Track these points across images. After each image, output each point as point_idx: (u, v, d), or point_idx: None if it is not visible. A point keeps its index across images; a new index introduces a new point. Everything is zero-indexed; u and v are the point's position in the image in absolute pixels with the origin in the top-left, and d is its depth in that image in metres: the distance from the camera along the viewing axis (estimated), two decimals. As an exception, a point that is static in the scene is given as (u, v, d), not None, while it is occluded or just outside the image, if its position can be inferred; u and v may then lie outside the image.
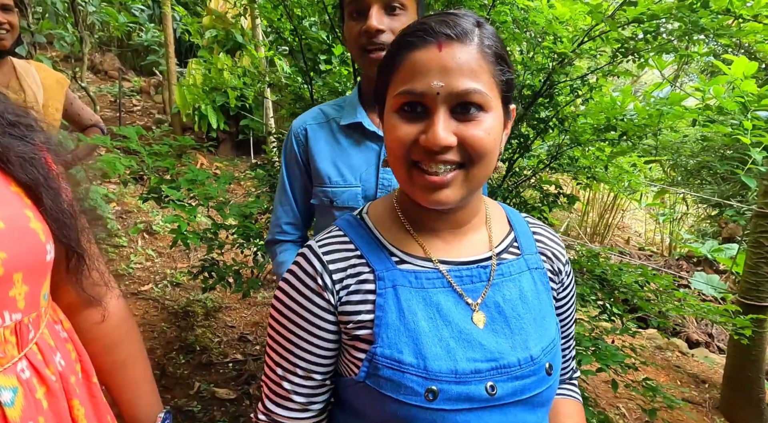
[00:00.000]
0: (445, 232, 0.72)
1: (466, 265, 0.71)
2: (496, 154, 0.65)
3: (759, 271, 2.95)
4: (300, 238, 1.29)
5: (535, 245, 0.78)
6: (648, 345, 3.97)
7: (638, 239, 8.43)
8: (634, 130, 1.88)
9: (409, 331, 0.65)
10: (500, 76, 0.64)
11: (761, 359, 3.02)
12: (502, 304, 0.70)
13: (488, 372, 0.65)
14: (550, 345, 0.71)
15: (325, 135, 1.17)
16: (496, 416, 0.65)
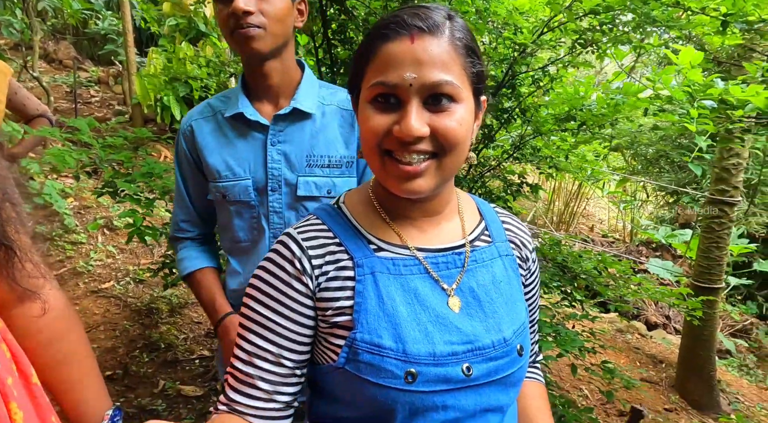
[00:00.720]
0: (420, 220, 0.74)
1: (441, 252, 0.73)
2: (467, 144, 0.66)
3: (710, 255, 3.10)
4: (200, 235, 1.27)
5: (505, 233, 0.81)
6: (609, 328, 4.12)
7: (602, 226, 8.71)
8: (593, 120, 1.92)
9: (388, 317, 0.67)
10: (471, 68, 0.65)
11: (712, 339, 3.19)
12: (476, 289, 0.72)
13: (464, 354, 0.67)
14: (520, 327, 0.74)
15: (212, 129, 1.15)
16: (471, 396, 0.68)
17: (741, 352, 4.46)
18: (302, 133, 1.13)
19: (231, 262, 1.22)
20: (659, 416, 3.03)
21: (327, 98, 1.17)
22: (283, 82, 1.12)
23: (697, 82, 1.24)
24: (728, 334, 4.65)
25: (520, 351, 0.72)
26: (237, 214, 1.16)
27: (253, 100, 1.14)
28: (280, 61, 1.09)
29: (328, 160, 1.14)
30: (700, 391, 3.17)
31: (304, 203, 1.15)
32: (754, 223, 4.59)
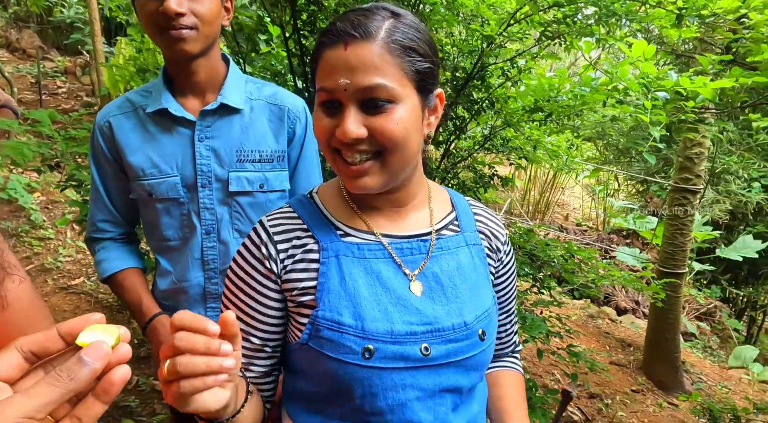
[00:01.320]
0: (387, 210, 0.78)
1: (407, 238, 0.77)
2: (412, 140, 0.68)
3: (675, 242, 3.21)
4: (122, 235, 1.22)
5: (475, 224, 0.83)
6: (581, 314, 4.23)
7: (576, 215, 8.90)
8: (559, 111, 1.96)
9: (349, 296, 0.71)
10: (412, 67, 0.66)
11: (677, 322, 3.31)
12: (439, 275, 0.76)
13: (423, 334, 0.71)
14: (484, 313, 0.76)
15: (133, 125, 1.11)
16: (430, 376, 0.71)
17: (705, 335, 4.64)
18: (231, 129, 1.12)
19: (160, 262, 1.19)
20: (626, 397, 3.14)
21: (254, 93, 1.16)
22: (209, 77, 1.11)
23: (651, 75, 1.29)
24: (693, 317, 4.84)
25: (482, 336, 0.75)
26: (165, 212, 1.13)
27: (176, 95, 1.11)
28: (207, 58, 1.08)
29: (259, 154, 1.14)
30: (666, 372, 3.30)
31: (237, 199, 1.14)
32: (718, 211, 4.76)
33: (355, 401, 0.70)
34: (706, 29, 1.69)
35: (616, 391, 3.19)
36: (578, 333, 3.67)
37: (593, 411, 3.04)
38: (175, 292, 1.19)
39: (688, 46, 2.75)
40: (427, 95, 0.71)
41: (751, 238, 4.47)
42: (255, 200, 1.15)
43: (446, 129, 2.51)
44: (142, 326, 1.16)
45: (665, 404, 3.06)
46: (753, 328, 5.31)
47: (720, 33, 1.61)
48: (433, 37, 0.73)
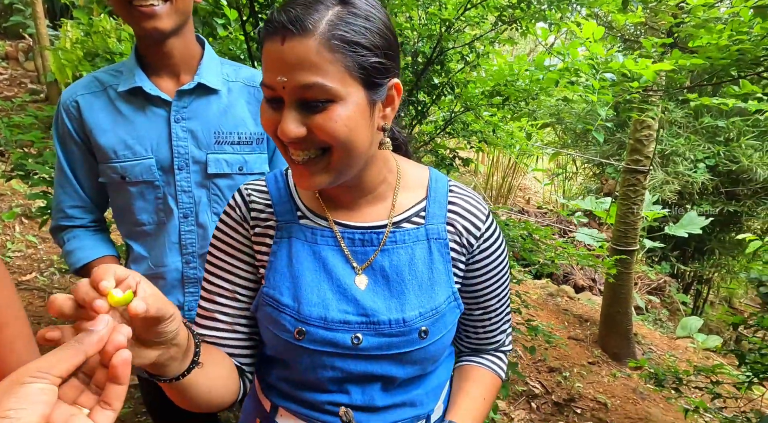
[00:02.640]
0: (347, 199, 0.76)
1: (360, 229, 0.76)
2: (357, 137, 0.64)
3: (627, 220, 3.37)
4: (93, 222, 1.17)
5: (446, 217, 0.78)
6: (541, 293, 4.40)
7: (537, 199, 9.17)
8: (516, 95, 2.02)
9: (292, 278, 0.74)
10: (355, 62, 0.62)
11: (629, 297, 3.50)
12: (387, 269, 0.75)
13: (357, 324, 0.72)
14: (431, 311, 0.74)
15: (103, 105, 1.06)
16: (360, 364, 0.73)
17: (656, 308, 4.92)
18: (208, 110, 1.10)
19: (134, 248, 1.16)
20: (583, 369, 3.31)
21: (231, 75, 1.14)
22: (183, 58, 1.08)
23: (599, 55, 1.35)
24: (645, 292, 5.11)
25: (423, 333, 0.73)
26: (139, 196, 1.10)
27: (150, 75, 1.07)
28: (181, 37, 1.04)
29: (238, 136, 1.12)
30: (619, 344, 3.49)
31: (215, 181, 1.12)
32: (668, 191, 5.01)
33: (290, 369, 0.77)
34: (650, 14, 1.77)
35: (574, 364, 3.35)
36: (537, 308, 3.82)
37: (553, 384, 3.19)
38: (151, 279, 1.17)
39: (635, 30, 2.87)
40: (377, 89, 0.66)
41: (696, 215, 4.74)
42: (234, 183, 1.14)
43: (408, 114, 2.53)
44: None
45: (619, 374, 3.24)
46: (699, 301, 5.66)
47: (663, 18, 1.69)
48: (392, 22, 0.68)
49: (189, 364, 0.62)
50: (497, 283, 0.83)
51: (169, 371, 0.60)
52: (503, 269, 0.84)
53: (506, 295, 0.87)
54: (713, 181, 4.96)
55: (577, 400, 3.02)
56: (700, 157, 4.97)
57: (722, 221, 5.17)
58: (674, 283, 5.42)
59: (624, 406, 2.95)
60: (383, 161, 0.76)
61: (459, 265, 0.79)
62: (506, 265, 0.85)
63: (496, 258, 0.82)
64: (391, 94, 0.69)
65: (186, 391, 0.64)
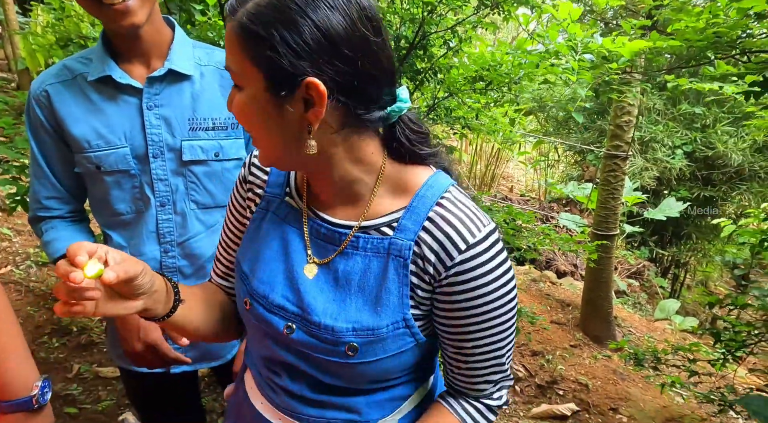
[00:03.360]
0: (324, 193, 0.73)
1: (328, 224, 0.72)
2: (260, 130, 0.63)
3: (607, 206, 3.42)
4: (70, 213, 1.15)
5: (416, 234, 0.67)
6: (525, 278, 4.46)
7: (520, 187, 9.26)
8: (498, 80, 2.02)
9: (254, 250, 0.76)
10: (255, 54, 0.58)
11: (609, 281, 3.57)
12: (339, 272, 0.70)
13: (292, 314, 0.70)
14: (366, 331, 0.67)
15: (74, 94, 1.04)
16: (290, 355, 0.73)
17: (635, 292, 5.04)
18: (181, 96, 1.08)
19: (112, 238, 1.14)
20: (566, 352, 3.38)
21: (203, 58, 1.12)
22: (153, 42, 1.05)
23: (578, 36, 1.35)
24: (625, 276, 5.22)
25: (350, 351, 0.67)
26: (116, 185, 1.08)
27: (120, 62, 1.05)
28: (150, 22, 1.01)
29: (212, 122, 1.10)
30: (600, 327, 3.57)
31: (191, 168, 1.10)
32: (647, 177, 5.10)
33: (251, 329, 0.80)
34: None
35: (556, 347, 3.41)
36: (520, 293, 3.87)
37: (536, 367, 3.24)
38: None
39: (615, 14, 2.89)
40: (282, 86, 0.59)
41: (674, 200, 4.85)
42: (210, 169, 1.12)
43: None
44: None
45: (600, 356, 3.31)
46: (676, 284, 5.81)
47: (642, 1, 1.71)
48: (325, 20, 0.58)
49: (173, 303, 0.72)
50: (474, 326, 0.68)
51: (158, 313, 0.69)
52: (487, 313, 0.67)
53: (496, 345, 0.71)
54: (690, 166, 5.07)
55: (560, 382, 3.09)
56: (678, 144, 5.06)
57: (699, 206, 5.30)
58: (653, 267, 5.54)
59: (604, 387, 3.02)
60: (354, 160, 0.67)
61: (419, 292, 0.68)
62: (497, 310, 0.67)
63: (473, 297, 0.66)
64: (309, 95, 0.59)
65: (180, 323, 0.75)
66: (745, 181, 5.08)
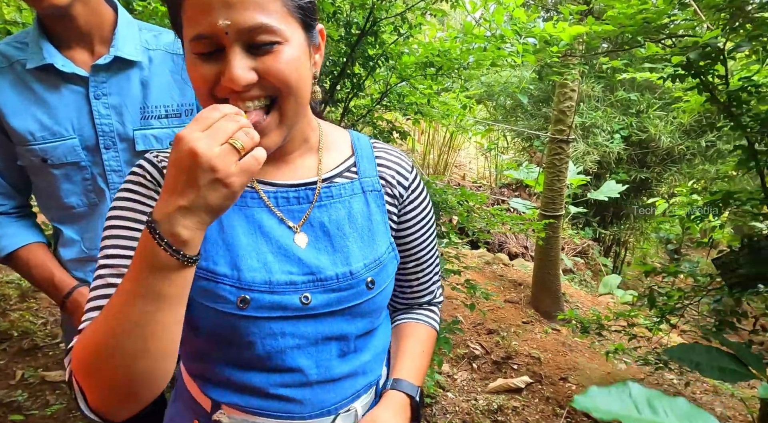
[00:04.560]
0: (272, 159, 0.73)
1: (293, 187, 0.74)
2: (305, 82, 0.64)
3: (553, 187, 3.59)
4: (15, 208, 1.09)
5: (376, 169, 0.80)
6: (479, 261, 4.61)
7: (472, 174, 9.50)
8: (449, 65, 2.07)
9: (227, 245, 0.69)
10: (294, 2, 0.61)
11: (557, 259, 3.76)
12: (327, 224, 0.74)
13: (304, 284, 0.70)
14: (374, 262, 0.75)
15: (11, 83, 0.98)
16: (311, 325, 0.71)
17: (581, 269, 5.33)
18: (130, 84, 1.04)
19: (64, 232, 1.09)
20: (519, 329, 3.54)
21: (151, 42, 1.07)
22: (92, 24, 0.99)
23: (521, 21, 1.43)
24: (572, 255, 5.51)
25: (370, 284, 0.74)
26: (65, 178, 1.03)
27: (60, 47, 0.98)
28: (83, 3, 0.96)
29: (165, 110, 1.07)
30: (549, 304, 3.76)
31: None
32: (589, 161, 5.38)
33: (233, 348, 0.70)
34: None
35: (510, 325, 3.57)
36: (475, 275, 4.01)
37: (492, 344, 3.38)
38: (84, 261, 1.11)
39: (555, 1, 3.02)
40: (312, 31, 0.67)
41: (614, 183, 5.15)
42: None
43: (344, 87, 2.52)
44: (60, 301, 1.06)
45: (550, 330, 3.49)
46: (618, 262, 6.20)
47: (579, -12, 1.81)
48: None
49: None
50: (427, 233, 0.86)
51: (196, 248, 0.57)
52: (431, 220, 0.86)
53: (435, 247, 0.89)
54: (627, 150, 5.39)
55: (514, 358, 3.24)
56: (616, 129, 5.37)
57: (635, 187, 5.66)
58: (596, 246, 5.88)
59: (555, 359, 3.20)
60: (309, 116, 0.75)
61: (392, 217, 0.81)
62: (433, 216, 0.88)
63: (424, 208, 0.85)
64: (320, 41, 0.69)
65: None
66: (675, 163, 5.47)
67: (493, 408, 2.80)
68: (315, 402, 0.73)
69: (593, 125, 5.35)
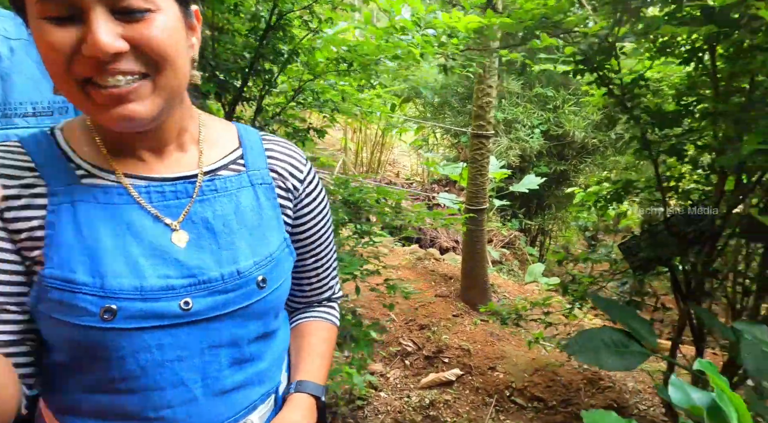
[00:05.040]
0: (145, 151, 0.67)
1: (169, 181, 0.67)
2: (183, 59, 0.59)
3: (476, 182, 3.68)
4: None
5: (266, 162, 0.76)
6: (410, 258, 4.64)
7: (406, 172, 9.61)
8: (359, 60, 2.02)
9: (86, 249, 0.60)
10: None
11: (484, 251, 3.85)
12: (211, 220, 0.68)
13: (183, 288, 0.63)
14: (266, 259, 0.71)
15: None
16: (194, 332, 0.64)
17: (509, 260, 5.53)
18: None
19: None
20: (449, 322, 3.59)
21: (11, 31, 0.95)
22: None
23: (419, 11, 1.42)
24: (500, 246, 5.70)
25: (261, 283, 0.69)
26: None
27: None
28: None
29: (32, 107, 0.95)
30: (478, 295, 3.84)
31: None
32: (512, 156, 5.59)
33: (100, 368, 0.61)
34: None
35: (441, 319, 3.61)
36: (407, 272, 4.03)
37: (423, 340, 3.40)
38: None
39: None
40: (187, 9, 0.62)
41: (534, 176, 5.39)
42: None
43: (256, 84, 2.40)
44: None
45: (479, 322, 3.57)
46: (543, 250, 6.50)
47: (480, -18, 1.85)
48: None
49: None
50: (324, 227, 0.84)
51: None
52: (327, 214, 0.85)
53: (333, 242, 0.88)
54: (546, 144, 5.66)
55: (445, 351, 3.27)
56: (536, 124, 5.62)
57: (556, 179, 5.96)
58: (522, 236, 6.13)
59: (483, 349, 3.27)
60: (187, 110, 0.70)
61: (287, 211, 0.78)
62: (329, 211, 0.86)
63: (320, 202, 0.83)
64: (195, 23, 0.65)
65: None
66: (590, 155, 5.82)
67: (425, 403, 2.81)
68: (204, 419, 0.66)
69: (515, 120, 5.56)
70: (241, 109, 2.58)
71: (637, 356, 1.35)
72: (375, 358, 3.28)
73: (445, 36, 1.45)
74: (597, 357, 1.34)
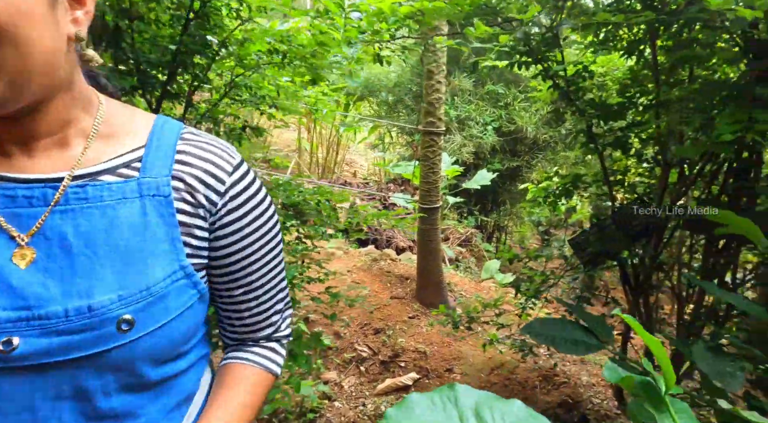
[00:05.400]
0: (11, 145, 0.56)
1: (25, 183, 0.55)
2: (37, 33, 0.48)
3: (429, 180, 3.60)
4: None
5: (171, 168, 0.60)
6: (366, 259, 4.52)
7: (363, 172, 9.49)
8: (294, 52, 1.89)
9: None
10: None
11: (438, 250, 3.78)
12: (70, 237, 0.54)
13: (10, 323, 0.50)
14: (139, 294, 0.55)
15: None
16: (18, 380, 0.51)
17: (466, 258, 5.51)
18: None
19: None
20: (405, 325, 3.49)
21: None
22: None
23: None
24: (457, 244, 5.68)
25: (122, 325, 0.54)
26: None
27: None
28: None
29: None
30: (434, 295, 3.77)
31: None
32: (465, 153, 5.58)
33: None
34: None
35: (396, 322, 3.51)
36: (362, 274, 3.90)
37: (379, 344, 3.29)
38: None
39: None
40: None
41: (486, 172, 5.40)
42: None
43: (185, 80, 2.21)
44: None
45: (435, 323, 3.50)
46: (499, 246, 6.55)
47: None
48: None
49: None
50: (259, 252, 0.67)
51: None
52: (266, 235, 0.67)
53: (278, 270, 0.71)
54: (499, 140, 5.69)
55: (401, 355, 3.18)
56: (488, 121, 5.63)
57: (509, 175, 6.00)
58: (479, 233, 6.14)
59: (440, 351, 3.20)
60: (79, 98, 0.58)
61: (195, 232, 0.61)
62: (274, 231, 0.68)
63: (252, 220, 0.65)
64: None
65: None
66: (541, 151, 5.90)
67: (380, 411, 2.70)
68: None
69: (468, 118, 5.55)
70: (171, 107, 2.38)
71: (591, 347, 1.33)
72: (329, 365, 3.14)
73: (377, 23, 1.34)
74: (553, 340, 1.32)
